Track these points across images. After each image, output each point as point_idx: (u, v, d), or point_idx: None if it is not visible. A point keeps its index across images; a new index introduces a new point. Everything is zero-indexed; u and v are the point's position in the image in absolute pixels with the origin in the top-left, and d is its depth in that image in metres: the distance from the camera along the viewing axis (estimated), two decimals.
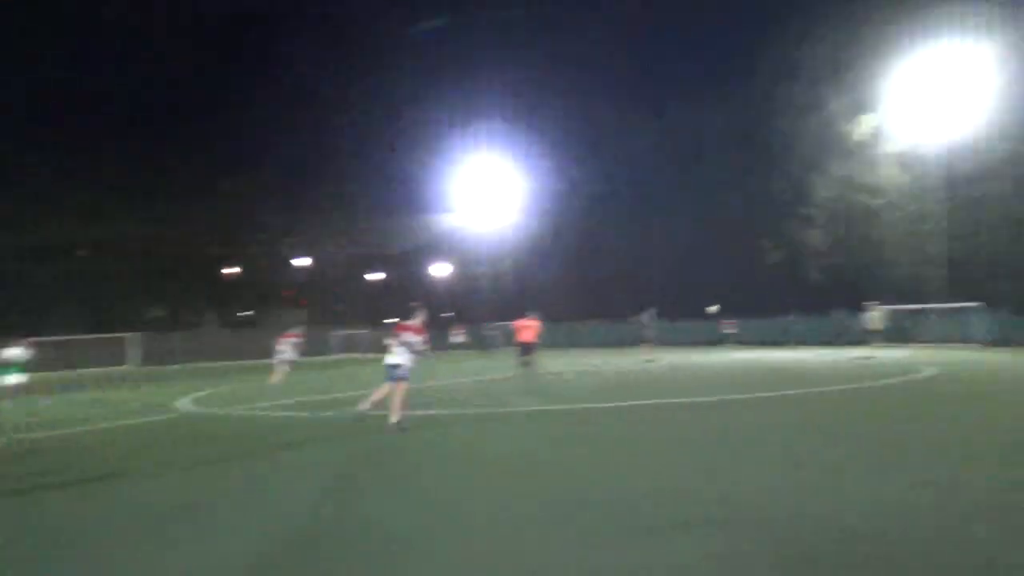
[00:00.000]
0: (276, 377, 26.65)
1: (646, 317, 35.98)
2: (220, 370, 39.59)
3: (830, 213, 47.71)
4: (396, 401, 12.99)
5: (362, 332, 63.21)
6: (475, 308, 67.33)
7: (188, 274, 70.73)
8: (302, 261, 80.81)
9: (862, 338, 33.09)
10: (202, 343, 54.55)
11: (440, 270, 76.99)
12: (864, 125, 44.16)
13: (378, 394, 13.60)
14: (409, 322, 13.65)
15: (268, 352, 31.26)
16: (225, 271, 78.31)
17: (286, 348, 27.61)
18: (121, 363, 48.63)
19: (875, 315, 30.97)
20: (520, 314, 24.10)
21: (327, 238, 75.57)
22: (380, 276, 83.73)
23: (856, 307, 34.26)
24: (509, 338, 29.83)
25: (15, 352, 19.97)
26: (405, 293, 66.07)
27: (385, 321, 66.45)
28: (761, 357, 31.06)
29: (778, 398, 14.94)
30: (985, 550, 5.93)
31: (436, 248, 72.92)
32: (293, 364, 28.36)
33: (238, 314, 77.89)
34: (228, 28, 75.04)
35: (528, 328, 23.15)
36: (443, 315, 68.26)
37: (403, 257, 78.57)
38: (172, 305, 72.07)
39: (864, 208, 45.85)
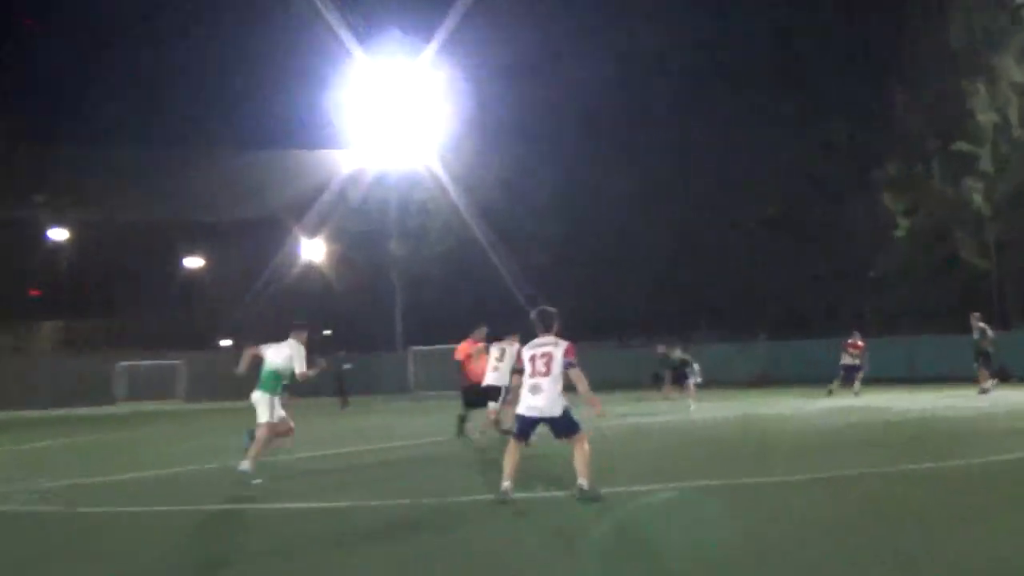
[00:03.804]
0: None
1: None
2: None
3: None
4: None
5: (172, 363, 43.19)
6: (375, 321, 48.15)
7: None
8: (59, 234, 52.87)
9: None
10: None
11: (315, 251, 49.55)
12: None
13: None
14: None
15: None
16: None
17: None
18: None
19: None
20: (465, 332, 16.75)
21: (104, 196, 49.06)
22: (202, 263, 56.59)
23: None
24: (448, 376, 19.97)
25: None
26: (253, 295, 48.03)
27: (225, 342, 50.32)
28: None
29: None
30: None
31: (307, 215, 47.56)
32: None
33: None
34: None
35: (474, 358, 15.99)
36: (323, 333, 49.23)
37: (245, 229, 51.99)
38: None
39: None
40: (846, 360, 25.29)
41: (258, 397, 11.55)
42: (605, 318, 45.33)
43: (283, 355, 11.62)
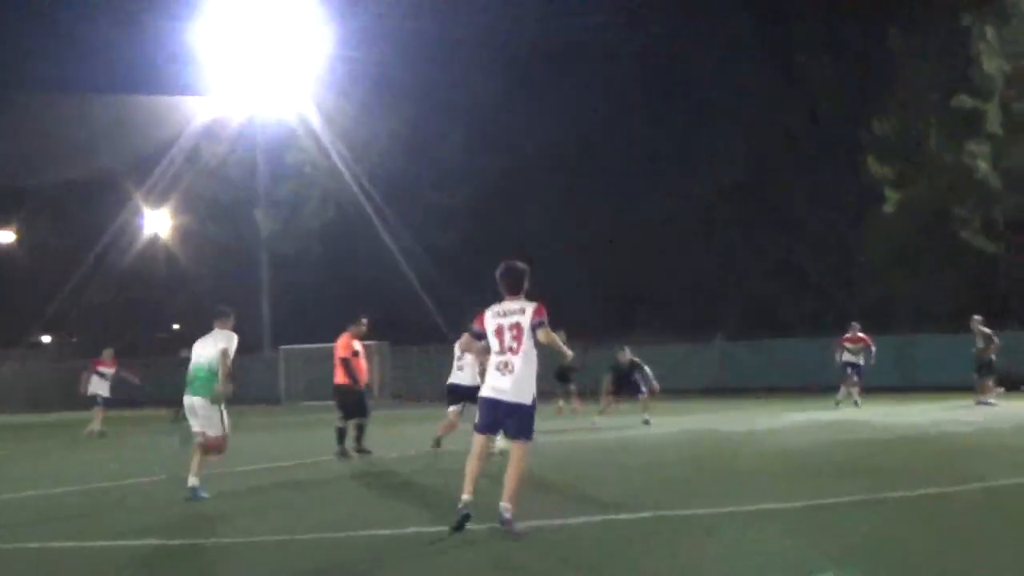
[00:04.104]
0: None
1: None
2: None
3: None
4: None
5: None
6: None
7: None
8: None
9: None
10: None
11: (161, 223, 45.76)
12: None
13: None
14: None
15: None
16: None
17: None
18: None
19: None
20: (343, 326, 15.40)
21: None
22: (12, 237, 50.62)
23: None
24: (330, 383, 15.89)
25: None
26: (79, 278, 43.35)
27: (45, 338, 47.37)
28: None
29: None
30: None
31: (150, 178, 42.80)
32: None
33: None
34: None
35: (353, 357, 15.12)
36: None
37: (70, 195, 46.45)
38: None
39: None
40: (848, 357, 24.00)
41: (200, 403, 11.05)
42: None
43: (214, 349, 11.24)
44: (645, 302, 42.92)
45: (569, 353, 8.71)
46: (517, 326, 8.04)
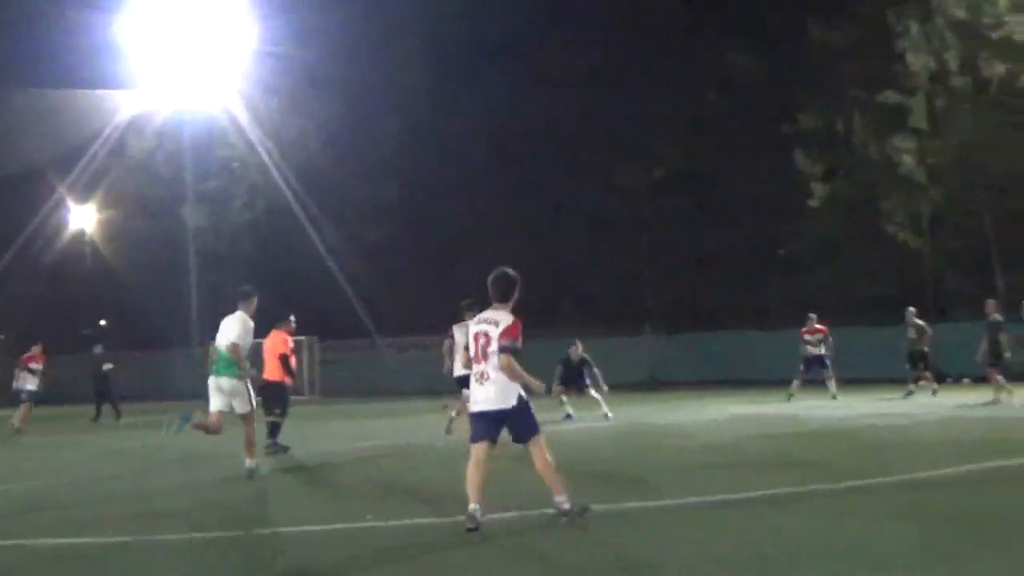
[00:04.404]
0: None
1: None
2: None
3: None
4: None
5: None
6: (164, 309, 41.39)
7: None
8: None
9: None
10: None
11: (86, 218, 45.49)
12: None
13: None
14: None
15: None
16: None
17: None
18: None
19: None
20: (272, 323, 15.36)
21: None
22: None
23: None
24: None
25: None
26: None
27: None
28: None
29: None
30: None
31: (74, 172, 41.97)
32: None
33: None
34: None
35: (276, 358, 15.16)
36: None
37: None
38: None
39: None
40: (811, 351, 23.89)
41: (226, 383, 11.38)
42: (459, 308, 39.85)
43: (230, 334, 11.56)
44: (571, 295, 42.55)
45: (538, 385, 8.20)
46: (486, 335, 8.00)
